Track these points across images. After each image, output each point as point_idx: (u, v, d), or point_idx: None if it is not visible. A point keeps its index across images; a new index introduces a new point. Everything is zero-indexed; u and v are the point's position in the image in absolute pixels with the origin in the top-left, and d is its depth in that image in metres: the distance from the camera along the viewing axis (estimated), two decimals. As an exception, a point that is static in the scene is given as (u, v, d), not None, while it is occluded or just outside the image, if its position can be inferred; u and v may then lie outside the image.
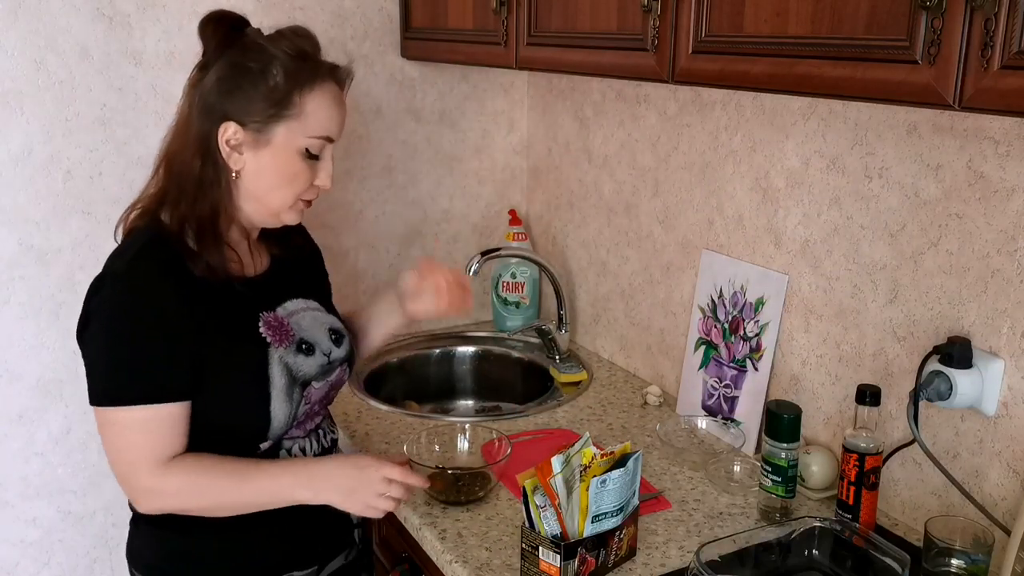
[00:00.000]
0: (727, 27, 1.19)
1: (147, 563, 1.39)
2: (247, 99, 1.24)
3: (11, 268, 1.82)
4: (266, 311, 1.34)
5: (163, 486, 1.24)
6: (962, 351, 1.26)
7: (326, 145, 1.30)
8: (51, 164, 1.81)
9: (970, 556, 1.18)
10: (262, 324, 1.32)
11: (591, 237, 2.13)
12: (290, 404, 1.32)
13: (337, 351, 1.41)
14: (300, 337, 1.35)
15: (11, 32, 1.73)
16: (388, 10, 2.08)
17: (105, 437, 1.25)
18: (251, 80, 1.24)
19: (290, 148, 1.27)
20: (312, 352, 1.36)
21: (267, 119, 1.25)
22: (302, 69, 1.25)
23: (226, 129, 1.25)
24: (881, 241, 1.41)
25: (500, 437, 1.56)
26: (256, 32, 1.30)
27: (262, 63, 1.24)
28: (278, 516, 1.32)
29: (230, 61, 1.26)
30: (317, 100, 1.26)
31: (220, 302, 1.28)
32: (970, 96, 0.90)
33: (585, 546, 1.22)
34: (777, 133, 1.57)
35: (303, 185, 1.30)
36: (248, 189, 1.29)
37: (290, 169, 1.28)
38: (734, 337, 1.69)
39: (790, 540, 1.26)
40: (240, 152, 1.27)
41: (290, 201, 1.31)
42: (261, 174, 1.28)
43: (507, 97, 2.28)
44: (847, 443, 1.33)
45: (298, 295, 1.41)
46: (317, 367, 1.36)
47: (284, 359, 1.31)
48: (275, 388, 1.30)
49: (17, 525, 1.92)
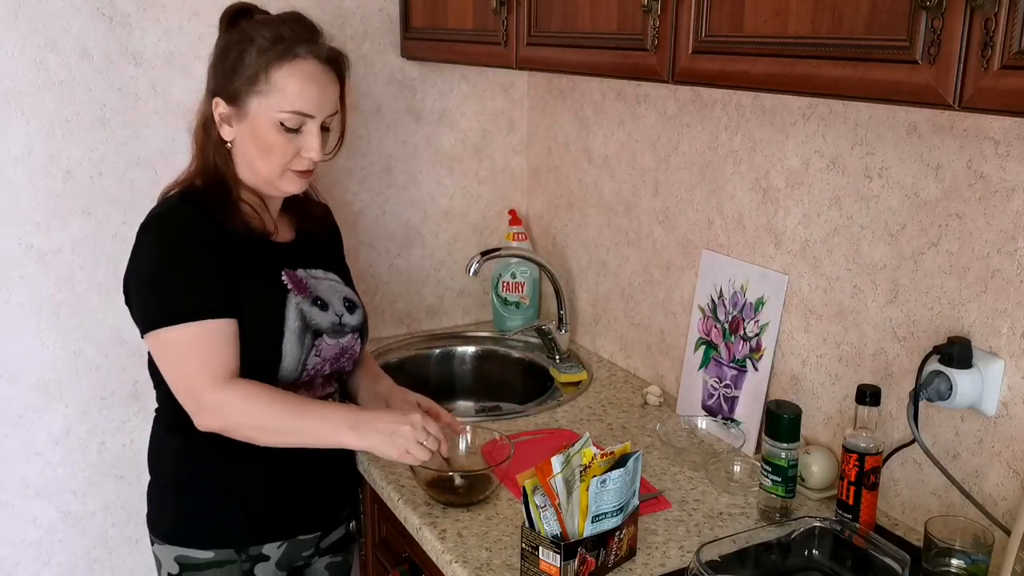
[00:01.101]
0: (727, 27, 1.19)
1: (165, 531, 1.49)
2: (228, 77, 1.40)
3: (11, 268, 1.82)
4: (288, 268, 1.47)
5: (225, 400, 1.33)
6: (962, 351, 1.26)
7: (306, 120, 1.40)
8: (51, 164, 1.81)
9: (970, 556, 1.18)
10: (284, 274, 1.46)
11: (591, 237, 2.13)
12: (301, 348, 1.43)
13: (349, 317, 1.52)
14: (315, 294, 1.48)
15: (11, 32, 1.73)
16: (388, 10, 2.08)
17: (162, 361, 1.37)
18: (231, 60, 1.39)
19: (264, 121, 1.38)
20: (325, 309, 1.48)
21: (244, 94, 1.39)
22: (274, 48, 1.37)
23: (217, 104, 1.42)
24: (881, 241, 1.41)
25: (501, 438, 1.55)
26: (256, 19, 1.44)
27: (242, 45, 1.38)
28: (289, 481, 1.47)
29: (221, 44, 1.44)
30: (286, 77, 1.37)
31: (248, 250, 1.43)
32: (970, 96, 0.90)
33: (585, 546, 1.22)
34: (777, 133, 1.57)
35: (285, 156, 1.41)
36: (241, 157, 1.44)
37: (267, 140, 1.39)
38: (734, 337, 1.69)
39: (790, 540, 1.26)
40: (230, 124, 1.42)
41: (277, 170, 1.42)
42: (245, 144, 1.42)
43: (507, 97, 2.28)
44: (847, 443, 1.33)
45: (319, 266, 1.55)
46: (329, 323, 1.48)
47: (300, 306, 1.44)
48: (288, 329, 1.41)
49: (17, 525, 1.92)
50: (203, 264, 1.36)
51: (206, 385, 1.33)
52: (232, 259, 1.39)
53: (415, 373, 2.14)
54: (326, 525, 1.57)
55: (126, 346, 1.92)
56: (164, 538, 1.48)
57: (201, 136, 1.46)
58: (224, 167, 1.44)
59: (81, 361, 1.91)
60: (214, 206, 1.41)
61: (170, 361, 1.36)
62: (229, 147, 1.44)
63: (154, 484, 1.52)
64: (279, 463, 1.44)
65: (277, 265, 1.46)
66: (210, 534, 1.46)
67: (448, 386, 2.18)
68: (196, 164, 1.46)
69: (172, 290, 1.36)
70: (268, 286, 1.43)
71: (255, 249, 1.44)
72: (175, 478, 1.48)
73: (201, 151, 1.46)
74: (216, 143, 1.44)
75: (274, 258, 1.47)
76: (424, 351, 2.18)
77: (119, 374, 1.94)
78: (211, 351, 1.34)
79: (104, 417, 1.95)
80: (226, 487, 1.45)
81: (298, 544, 1.52)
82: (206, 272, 1.36)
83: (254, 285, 1.41)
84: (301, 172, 1.44)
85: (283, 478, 1.47)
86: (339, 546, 1.63)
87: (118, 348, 1.93)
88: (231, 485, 1.45)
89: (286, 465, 1.45)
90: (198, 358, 1.33)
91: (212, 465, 1.44)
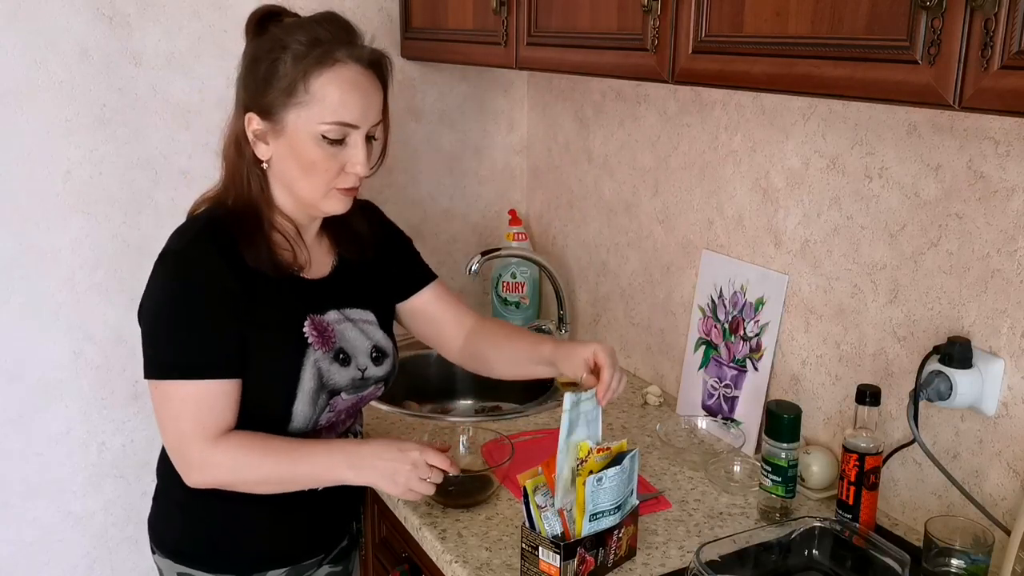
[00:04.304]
0: (727, 27, 1.19)
1: (169, 546, 1.43)
2: (261, 89, 1.26)
3: (11, 268, 1.82)
4: (315, 314, 1.35)
5: (215, 459, 1.27)
6: (962, 351, 1.26)
7: (350, 131, 1.27)
8: (51, 164, 1.81)
9: (970, 556, 1.18)
10: (307, 324, 1.33)
11: (591, 237, 2.13)
12: (313, 408, 1.34)
13: (374, 369, 1.41)
14: (340, 346, 1.36)
15: (11, 32, 1.73)
16: (388, 10, 2.08)
17: (157, 410, 1.29)
18: (264, 71, 1.26)
19: (305, 135, 1.26)
20: (347, 364, 1.37)
21: (279, 108, 1.25)
22: (310, 55, 1.24)
23: (250, 120, 1.28)
24: (881, 241, 1.41)
25: (502, 438, 1.55)
26: (286, 22, 1.30)
27: (274, 53, 1.25)
28: (291, 509, 1.38)
29: (250, 54, 1.30)
30: (326, 85, 1.24)
31: (271, 293, 1.30)
32: (970, 96, 0.90)
33: (584, 545, 1.22)
34: (777, 133, 1.57)
35: (329, 173, 1.28)
36: (278, 179, 1.32)
37: (308, 156, 1.26)
38: (734, 337, 1.69)
39: (790, 540, 1.26)
40: (266, 142, 1.29)
41: (321, 189, 1.29)
42: (284, 163, 1.29)
43: (507, 97, 2.28)
44: (847, 443, 1.33)
45: (355, 304, 1.41)
46: (349, 379, 1.37)
47: (319, 363, 1.33)
48: (302, 390, 1.32)
49: (17, 525, 1.92)
50: (213, 316, 1.25)
51: (194, 443, 1.26)
52: (250, 306, 1.27)
53: (415, 373, 2.14)
54: (329, 546, 1.50)
55: (126, 346, 1.92)
56: (167, 553, 1.43)
57: (233, 156, 1.31)
58: (259, 191, 1.31)
59: (81, 361, 1.91)
60: (241, 238, 1.28)
61: (165, 414, 1.28)
62: (265, 167, 1.31)
63: (161, 495, 1.46)
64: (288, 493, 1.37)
65: (303, 310, 1.34)
66: (213, 559, 1.40)
67: (448, 386, 2.18)
68: (227, 187, 1.33)
69: (176, 342, 1.26)
70: (287, 340, 1.31)
71: (280, 291, 1.31)
72: (183, 499, 1.37)
73: (233, 173, 1.32)
74: (250, 163, 1.30)
75: (301, 301, 1.34)
76: (424, 351, 2.17)
77: (119, 374, 1.94)
78: (209, 410, 1.26)
79: (104, 417, 1.95)
80: (233, 514, 1.37)
81: (302, 567, 1.46)
82: (215, 326, 1.26)
83: (271, 338, 1.30)
84: (346, 190, 1.31)
85: (292, 506, 1.39)
86: (341, 555, 1.57)
87: (118, 348, 1.93)
88: (238, 513, 1.37)
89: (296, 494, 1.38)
90: (192, 417, 1.25)
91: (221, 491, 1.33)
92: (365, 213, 1.48)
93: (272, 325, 1.30)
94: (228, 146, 1.33)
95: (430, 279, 1.56)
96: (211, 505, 1.35)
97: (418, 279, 1.56)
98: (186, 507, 1.39)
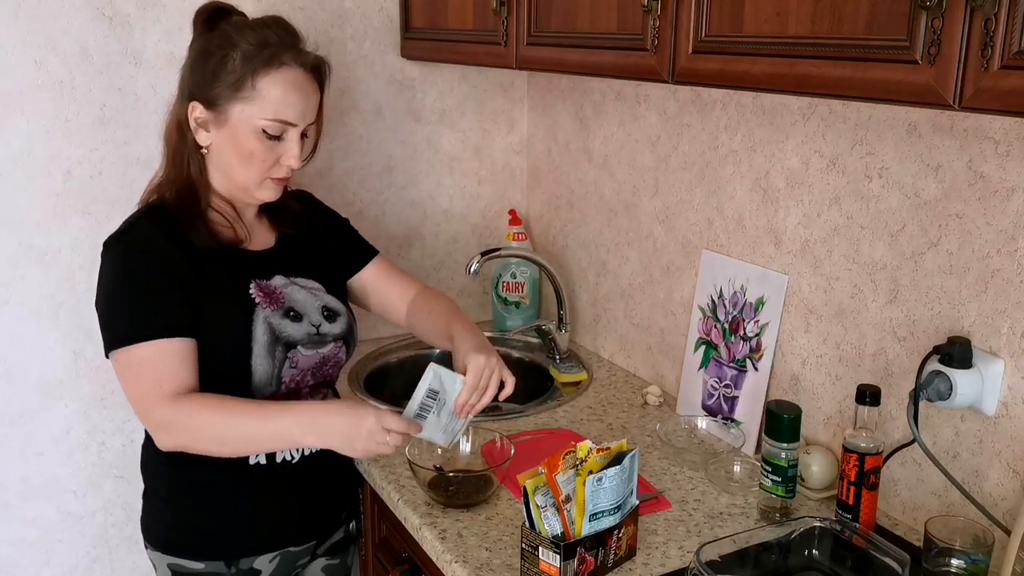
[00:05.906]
0: (727, 27, 1.19)
1: (158, 538, 1.49)
2: (209, 81, 1.36)
3: (11, 268, 1.82)
4: (260, 279, 1.44)
5: (173, 416, 1.31)
6: (962, 351, 1.26)
7: (288, 128, 1.37)
8: (51, 164, 1.81)
9: (970, 556, 1.18)
10: (252, 286, 1.42)
11: (591, 237, 2.13)
12: (272, 361, 1.40)
13: (328, 326, 1.49)
14: (289, 306, 1.44)
15: (11, 32, 1.73)
16: (388, 10, 2.08)
17: (122, 382, 1.35)
18: (213, 64, 1.35)
19: (246, 128, 1.36)
20: (299, 320, 1.44)
21: (225, 100, 1.35)
22: (258, 56, 1.34)
23: (193, 108, 1.38)
24: (881, 241, 1.41)
25: (502, 438, 1.55)
26: (236, 21, 1.40)
27: (224, 50, 1.35)
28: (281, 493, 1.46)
29: (199, 47, 1.40)
30: (271, 85, 1.34)
31: (216, 265, 1.39)
32: (970, 96, 0.90)
33: (584, 545, 1.22)
34: (777, 133, 1.57)
35: (265, 164, 1.38)
36: (216, 164, 1.42)
37: (247, 147, 1.37)
38: (734, 337, 1.69)
39: (790, 540, 1.26)
40: (207, 130, 1.39)
41: (255, 178, 1.40)
42: (223, 151, 1.39)
43: (507, 97, 2.28)
44: (847, 443, 1.33)
45: (301, 274, 1.50)
46: (303, 334, 1.44)
47: (269, 319, 1.41)
48: (256, 343, 1.39)
49: (17, 525, 1.92)
50: (158, 284, 1.34)
51: (156, 403, 1.31)
52: (196, 276, 1.36)
53: (415, 373, 2.12)
54: (321, 534, 1.56)
55: (126, 346, 1.92)
56: (157, 545, 1.48)
57: (175, 140, 1.41)
58: (197, 174, 1.41)
59: (81, 361, 1.91)
60: (181, 219, 1.38)
61: (127, 382, 1.34)
62: (204, 153, 1.41)
63: (149, 492, 1.52)
64: (270, 475, 1.43)
65: (247, 276, 1.43)
66: (200, 546, 1.45)
67: (448, 386, 2.18)
68: (167, 169, 1.43)
69: (127, 311, 1.34)
70: (234, 301, 1.40)
71: (224, 262, 1.41)
72: (167, 489, 1.47)
73: (174, 156, 1.42)
74: (191, 148, 1.40)
75: (245, 269, 1.43)
76: (424, 351, 2.18)
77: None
78: (164, 370, 1.31)
79: (104, 417, 1.95)
80: (215, 500, 1.44)
81: (292, 555, 1.51)
82: (161, 291, 1.33)
83: (219, 301, 1.38)
84: (279, 179, 1.42)
85: (274, 490, 1.45)
86: (337, 548, 1.62)
87: (118, 348, 1.93)
88: (220, 498, 1.44)
89: (279, 477, 1.44)
90: (151, 378, 1.31)
91: (201, 476, 1.42)
92: (299, 197, 1.59)
93: (219, 291, 1.39)
94: (170, 130, 1.42)
95: (372, 255, 1.67)
96: (192, 490, 1.43)
97: (360, 255, 1.65)
98: (171, 500, 1.47)
